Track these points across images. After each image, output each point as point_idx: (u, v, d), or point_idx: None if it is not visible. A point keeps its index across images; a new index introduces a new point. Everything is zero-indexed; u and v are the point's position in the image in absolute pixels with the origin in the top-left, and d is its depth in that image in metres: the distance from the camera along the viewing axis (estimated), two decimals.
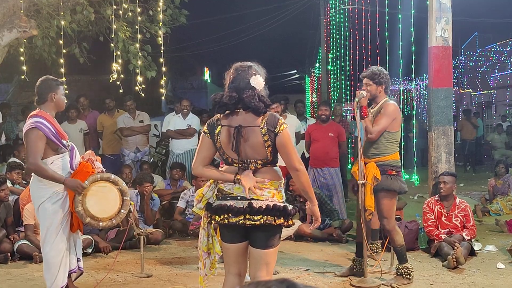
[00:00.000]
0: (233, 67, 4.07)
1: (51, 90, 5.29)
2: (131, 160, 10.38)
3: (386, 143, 6.02)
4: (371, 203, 5.94)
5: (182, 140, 10.14)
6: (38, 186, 5.20)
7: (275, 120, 3.92)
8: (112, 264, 6.58)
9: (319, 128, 9.51)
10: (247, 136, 3.88)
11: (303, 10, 21.39)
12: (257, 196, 3.88)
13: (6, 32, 8.38)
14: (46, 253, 5.26)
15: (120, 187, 5.41)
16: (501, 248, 7.56)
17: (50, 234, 5.20)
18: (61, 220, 5.20)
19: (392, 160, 6.06)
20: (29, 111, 12.32)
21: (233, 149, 3.90)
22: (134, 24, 9.31)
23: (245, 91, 3.90)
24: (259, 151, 3.90)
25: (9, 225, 7.48)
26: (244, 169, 3.94)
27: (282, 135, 3.90)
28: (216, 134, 3.97)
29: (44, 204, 5.17)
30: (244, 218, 3.84)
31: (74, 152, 5.37)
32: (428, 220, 7.42)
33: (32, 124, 5.07)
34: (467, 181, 14.73)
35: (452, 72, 8.65)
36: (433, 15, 8.26)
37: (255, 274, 3.95)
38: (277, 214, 3.86)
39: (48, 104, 5.29)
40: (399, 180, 6.08)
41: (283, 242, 8.07)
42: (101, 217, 5.29)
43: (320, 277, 6.42)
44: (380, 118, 5.97)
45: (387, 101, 6.14)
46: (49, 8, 8.98)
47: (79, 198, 5.15)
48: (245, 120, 3.92)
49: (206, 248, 4.21)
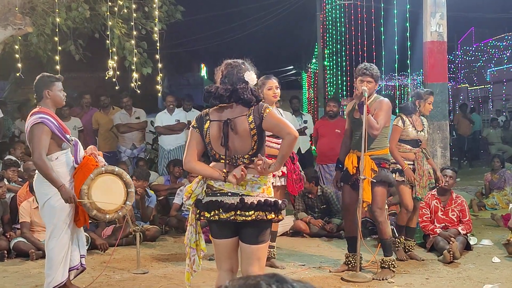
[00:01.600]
0: (224, 64, 4.12)
1: (46, 87, 5.31)
2: (127, 156, 10.39)
3: (381, 137, 6.11)
4: (368, 195, 5.98)
5: (171, 135, 10.21)
6: (42, 184, 5.20)
7: (261, 107, 3.97)
8: (108, 261, 6.58)
9: (326, 124, 9.57)
10: (235, 128, 3.91)
11: (299, 5, 21.35)
12: (247, 192, 3.90)
13: (1, 29, 8.37)
14: (51, 249, 5.27)
15: (125, 179, 5.47)
16: (496, 243, 7.59)
17: (57, 230, 5.23)
18: (68, 216, 5.24)
19: (385, 154, 6.20)
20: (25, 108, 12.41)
21: (222, 144, 3.91)
22: (129, 21, 9.30)
23: (238, 83, 3.94)
24: (245, 142, 3.92)
25: (6, 223, 7.49)
26: (231, 165, 3.95)
27: (268, 115, 3.92)
28: (205, 130, 3.99)
29: (50, 201, 5.19)
30: (235, 214, 3.85)
31: (78, 147, 5.41)
32: (424, 216, 7.44)
33: (37, 119, 5.10)
34: (464, 175, 14.74)
35: (447, 67, 8.68)
36: (428, 10, 8.28)
37: (247, 269, 3.97)
38: (269, 209, 3.89)
39: (45, 100, 5.31)
40: (390, 173, 6.27)
41: (280, 237, 8.09)
42: (107, 210, 5.33)
43: (316, 272, 6.43)
44: (378, 114, 6.01)
45: (379, 97, 6.25)
46: (44, 5, 8.97)
47: (85, 191, 5.18)
48: (233, 112, 3.95)
49: (194, 245, 4.21)
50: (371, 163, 6.00)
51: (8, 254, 7.11)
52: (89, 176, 5.21)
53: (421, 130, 6.95)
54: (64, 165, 5.24)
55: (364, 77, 6.06)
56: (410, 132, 6.84)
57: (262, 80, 6.17)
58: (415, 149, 6.91)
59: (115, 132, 10.63)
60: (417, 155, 6.88)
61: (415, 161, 6.86)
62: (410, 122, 6.88)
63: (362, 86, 5.99)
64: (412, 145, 6.89)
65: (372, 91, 6.15)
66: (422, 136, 6.98)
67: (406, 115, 6.94)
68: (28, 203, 7.32)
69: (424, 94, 7.00)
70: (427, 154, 7.12)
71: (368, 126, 5.89)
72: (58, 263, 5.24)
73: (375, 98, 6.19)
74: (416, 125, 6.92)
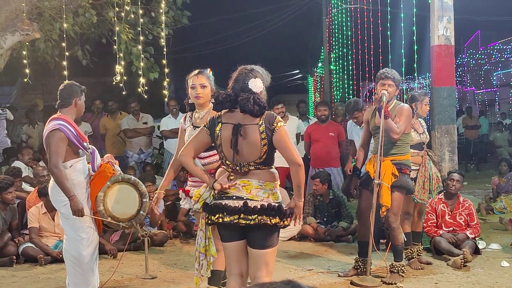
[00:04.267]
0: (238, 69, 4.12)
1: (76, 95, 5.36)
2: (134, 161, 10.41)
3: (402, 143, 6.09)
4: (388, 199, 5.95)
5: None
6: (58, 191, 5.22)
7: (272, 118, 3.96)
8: (116, 266, 6.59)
9: (319, 128, 9.49)
10: (245, 134, 3.91)
11: (305, 10, 21.37)
12: (252, 196, 3.90)
13: (9, 35, 8.42)
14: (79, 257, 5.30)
15: (140, 189, 5.50)
16: (505, 247, 7.56)
17: (83, 235, 5.28)
18: (91, 219, 5.29)
19: (407, 160, 6.17)
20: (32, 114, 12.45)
21: (231, 147, 3.91)
22: (136, 26, 9.35)
23: (241, 93, 3.95)
24: (254, 150, 3.91)
25: (14, 228, 7.51)
26: (236, 173, 3.95)
27: (279, 132, 3.93)
28: (216, 132, 3.99)
29: (67, 207, 5.19)
30: (238, 218, 3.86)
31: (95, 155, 5.44)
32: (429, 220, 7.42)
33: (55, 126, 5.14)
34: (471, 179, 14.70)
35: (454, 70, 8.65)
36: (435, 14, 8.27)
37: (255, 274, 3.97)
38: (272, 214, 3.88)
39: (71, 108, 5.35)
40: (410, 180, 6.27)
41: (287, 242, 8.10)
42: (121, 218, 5.37)
43: (324, 276, 6.42)
44: (399, 120, 6.00)
45: (400, 103, 6.23)
46: (52, 11, 9.02)
47: (101, 198, 5.21)
48: (244, 118, 3.95)
49: (203, 250, 4.22)
50: (393, 168, 5.98)
51: (17, 260, 7.12)
52: (106, 183, 5.26)
53: (422, 132, 6.91)
54: (80, 173, 5.28)
55: (386, 80, 6.03)
56: (414, 137, 6.70)
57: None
58: (421, 152, 6.85)
59: (123, 137, 10.65)
60: (424, 158, 6.84)
61: (420, 165, 6.80)
62: (411, 127, 6.68)
63: (383, 89, 5.98)
64: (417, 149, 6.80)
65: (393, 95, 6.12)
66: (425, 138, 6.95)
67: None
68: (37, 209, 7.34)
69: (419, 96, 6.98)
70: (433, 157, 7.10)
71: (389, 129, 5.87)
72: (89, 269, 5.30)
73: (396, 104, 6.17)
74: (416, 128, 6.84)
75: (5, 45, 8.46)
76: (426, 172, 6.80)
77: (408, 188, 6.16)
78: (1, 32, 8.45)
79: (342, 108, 12.56)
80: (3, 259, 7.04)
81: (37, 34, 8.67)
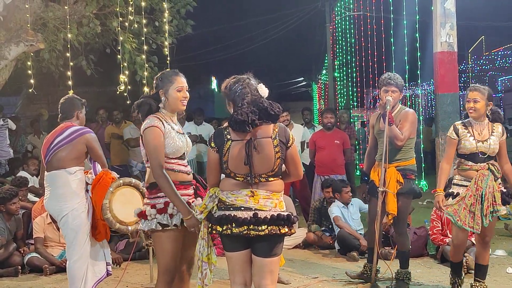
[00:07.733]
0: (230, 83, 4.01)
1: (77, 108, 5.58)
2: (138, 170, 10.41)
3: (406, 148, 6.03)
4: (394, 207, 5.93)
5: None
6: (59, 200, 5.32)
7: (286, 132, 3.95)
8: (121, 275, 6.59)
9: (324, 135, 9.49)
10: (259, 149, 3.86)
11: (309, 17, 21.42)
12: (260, 206, 3.89)
13: (13, 46, 8.47)
14: (70, 267, 5.35)
15: (141, 190, 5.55)
16: (510, 253, 7.53)
17: (75, 247, 5.31)
18: (86, 232, 5.33)
19: (412, 165, 6.09)
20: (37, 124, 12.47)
21: (246, 163, 3.85)
22: (140, 36, 9.39)
23: (259, 102, 3.90)
24: (267, 163, 3.88)
25: (19, 239, 7.53)
26: (247, 183, 3.92)
27: (293, 148, 3.97)
28: (225, 150, 3.91)
29: (67, 218, 5.28)
30: (248, 229, 3.81)
31: (96, 163, 5.63)
32: (434, 228, 7.38)
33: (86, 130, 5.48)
34: None
35: (457, 77, 8.64)
36: (437, 20, 8.27)
37: (260, 282, 3.95)
38: (282, 223, 3.86)
39: (73, 121, 5.54)
40: (416, 185, 6.20)
41: (292, 250, 8.08)
42: (128, 222, 5.41)
43: (330, 285, 6.41)
44: (403, 125, 5.97)
45: (405, 108, 6.17)
46: (56, 21, 9.07)
47: (107, 205, 5.26)
48: (255, 133, 3.88)
49: (206, 258, 4.20)
50: (397, 174, 5.93)
51: (22, 270, 7.12)
52: (109, 189, 5.31)
53: (486, 140, 5.51)
54: (80, 181, 5.39)
55: (389, 86, 5.98)
56: (467, 144, 5.50)
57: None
58: (477, 165, 5.49)
59: (127, 146, 10.66)
60: (479, 173, 5.45)
61: (472, 181, 5.46)
62: (469, 132, 5.57)
63: (387, 96, 5.94)
64: (472, 161, 5.52)
65: (397, 101, 6.06)
66: (486, 148, 5.49)
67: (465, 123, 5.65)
68: (42, 219, 7.36)
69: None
70: (495, 172, 5.55)
71: (393, 136, 5.83)
72: (79, 280, 5.31)
73: (400, 109, 6.12)
74: (476, 134, 5.53)
75: (9, 56, 8.51)
76: (478, 191, 5.41)
77: (414, 193, 6.10)
78: (6, 43, 8.50)
79: (347, 115, 12.57)
80: (9, 269, 7.05)
81: (41, 45, 8.71)
